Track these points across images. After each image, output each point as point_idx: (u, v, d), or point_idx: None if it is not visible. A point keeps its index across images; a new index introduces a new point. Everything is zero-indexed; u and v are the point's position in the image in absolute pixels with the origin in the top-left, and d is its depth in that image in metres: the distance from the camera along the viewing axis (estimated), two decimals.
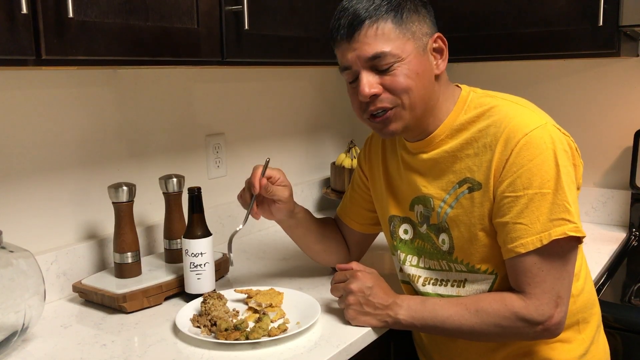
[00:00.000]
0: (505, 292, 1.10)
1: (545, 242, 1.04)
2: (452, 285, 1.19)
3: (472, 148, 1.12)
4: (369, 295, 1.16)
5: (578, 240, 1.07)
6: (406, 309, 1.15)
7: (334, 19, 1.13)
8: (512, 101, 1.14)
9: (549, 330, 1.07)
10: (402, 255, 1.27)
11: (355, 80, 1.13)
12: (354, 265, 1.22)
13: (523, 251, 1.05)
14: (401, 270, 1.30)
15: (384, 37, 1.09)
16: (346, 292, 1.18)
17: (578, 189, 1.12)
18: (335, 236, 1.45)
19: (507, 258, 1.09)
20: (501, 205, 1.08)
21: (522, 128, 1.07)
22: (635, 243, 1.82)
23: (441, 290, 1.20)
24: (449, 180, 1.16)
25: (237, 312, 1.26)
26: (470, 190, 1.12)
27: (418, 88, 1.11)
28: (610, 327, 1.36)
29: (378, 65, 1.10)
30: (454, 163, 1.15)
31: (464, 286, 1.17)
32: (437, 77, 1.15)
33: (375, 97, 1.11)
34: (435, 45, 1.14)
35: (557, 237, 1.03)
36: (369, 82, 1.10)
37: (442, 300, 1.14)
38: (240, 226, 1.28)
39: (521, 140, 1.06)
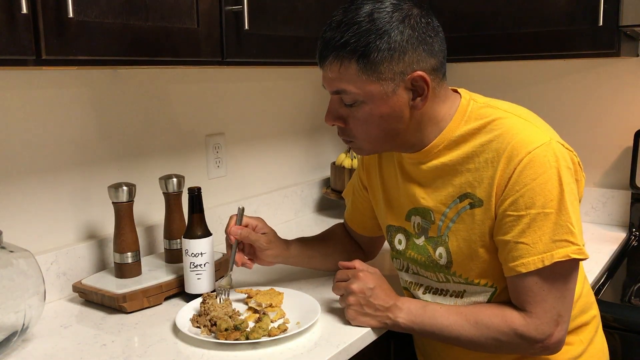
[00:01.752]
0: (506, 307, 1.09)
1: (547, 263, 1.02)
2: (452, 296, 1.18)
3: (473, 162, 1.10)
4: (369, 296, 1.16)
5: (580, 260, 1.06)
6: (406, 312, 1.15)
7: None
8: (515, 114, 1.11)
9: (548, 349, 1.06)
10: (399, 264, 1.27)
11: None
12: (357, 264, 1.21)
13: (524, 271, 1.04)
14: (400, 277, 1.30)
15: (346, 76, 1.06)
16: (347, 292, 1.18)
17: (579, 201, 1.11)
18: (343, 248, 1.46)
19: (508, 276, 1.08)
20: (503, 224, 1.06)
21: (525, 145, 1.04)
22: (635, 243, 1.82)
23: (440, 299, 1.19)
24: (448, 194, 1.13)
25: (237, 312, 1.26)
26: (472, 206, 1.10)
27: (379, 130, 1.10)
28: (610, 327, 1.36)
29: (343, 99, 1.10)
30: (454, 176, 1.12)
31: (462, 297, 1.16)
32: (413, 111, 1.09)
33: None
34: (415, 83, 1.06)
35: (559, 260, 1.02)
36: (332, 110, 1.12)
37: (443, 308, 1.14)
38: (223, 280, 1.31)
39: (525, 159, 1.03)
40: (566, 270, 1.05)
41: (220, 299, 1.26)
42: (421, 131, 1.12)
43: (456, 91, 1.17)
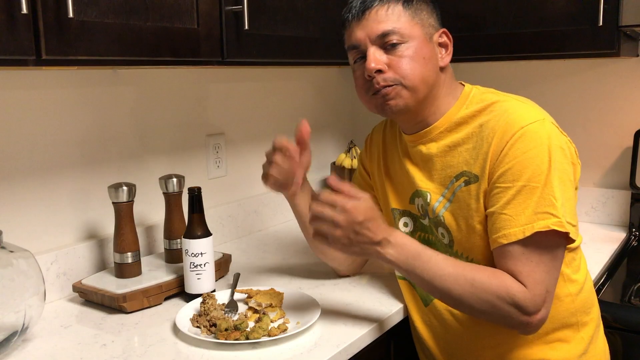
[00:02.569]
0: (505, 274, 1.06)
1: (527, 234, 1.03)
2: None
3: (471, 142, 1.14)
4: (358, 231, 1.06)
5: (566, 239, 1.06)
6: (398, 250, 1.08)
7: (347, 4, 1.18)
8: (514, 98, 1.16)
9: (530, 325, 1.05)
10: None
11: (360, 59, 1.17)
12: (345, 188, 1.08)
13: (505, 242, 1.05)
14: None
15: (394, 16, 1.14)
16: (334, 224, 1.06)
17: (576, 189, 1.12)
18: None
19: (493, 249, 1.09)
20: (491, 196, 1.09)
21: (519, 121, 1.08)
22: (635, 243, 1.82)
23: None
24: (446, 175, 1.17)
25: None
26: (467, 183, 1.13)
27: (422, 71, 1.14)
28: (610, 327, 1.36)
29: (386, 42, 1.14)
30: (453, 157, 1.16)
31: None
32: (441, 69, 1.18)
33: (379, 72, 1.14)
34: (440, 39, 1.18)
35: (540, 230, 1.03)
36: (375, 58, 1.14)
37: (440, 257, 1.09)
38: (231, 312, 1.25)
39: (517, 133, 1.07)
40: (550, 244, 1.05)
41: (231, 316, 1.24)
42: (440, 100, 1.18)
43: (461, 84, 1.23)
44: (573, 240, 1.07)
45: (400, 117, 1.21)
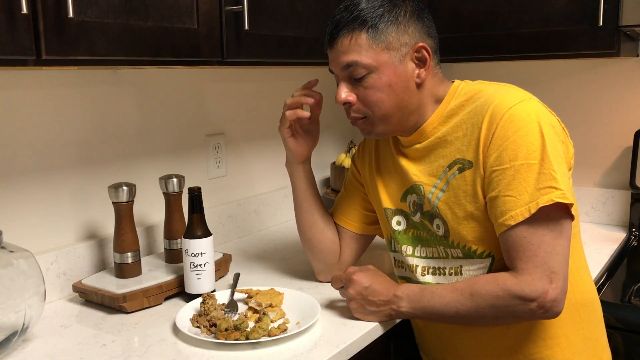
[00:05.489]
0: (498, 273, 1.10)
1: (533, 210, 1.04)
2: (450, 274, 1.19)
3: (461, 130, 1.15)
4: (367, 295, 1.18)
5: (569, 213, 1.06)
6: (407, 300, 1.16)
7: (329, 20, 1.19)
8: (500, 84, 1.19)
9: (544, 308, 1.04)
10: (399, 246, 1.27)
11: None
12: (349, 269, 1.24)
13: (513, 223, 1.05)
14: (397, 265, 1.31)
15: (357, 47, 1.13)
16: (347, 298, 1.21)
17: (570, 169, 1.13)
18: (333, 238, 1.40)
19: (499, 234, 1.09)
20: (490, 180, 1.09)
21: (506, 103, 1.10)
22: (635, 243, 1.82)
23: (441, 279, 1.21)
24: (439, 165, 1.18)
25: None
26: (461, 170, 1.14)
27: (390, 100, 1.15)
28: (611, 327, 1.36)
29: (353, 74, 1.15)
30: (445, 148, 1.18)
31: (461, 273, 1.18)
32: (419, 85, 1.17)
33: (349, 104, 1.17)
34: (417, 54, 1.15)
35: (544, 205, 1.03)
36: (344, 90, 1.17)
37: (440, 288, 1.15)
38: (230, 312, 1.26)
39: (505, 114, 1.08)
40: (554, 219, 1.05)
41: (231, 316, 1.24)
42: (423, 108, 1.19)
43: (452, 82, 1.24)
44: (573, 217, 1.08)
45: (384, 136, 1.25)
